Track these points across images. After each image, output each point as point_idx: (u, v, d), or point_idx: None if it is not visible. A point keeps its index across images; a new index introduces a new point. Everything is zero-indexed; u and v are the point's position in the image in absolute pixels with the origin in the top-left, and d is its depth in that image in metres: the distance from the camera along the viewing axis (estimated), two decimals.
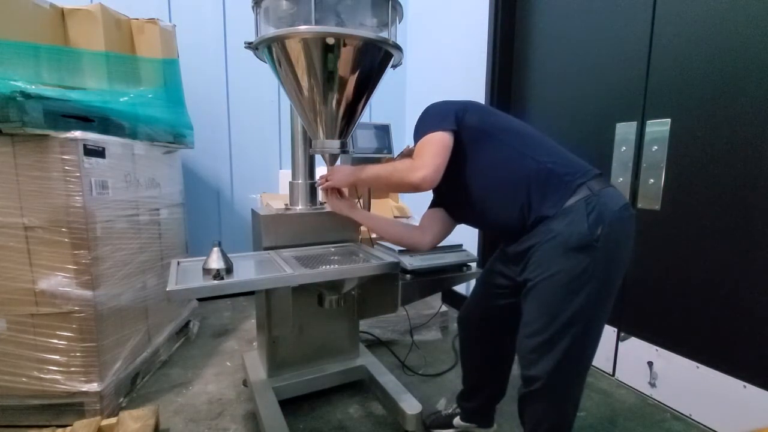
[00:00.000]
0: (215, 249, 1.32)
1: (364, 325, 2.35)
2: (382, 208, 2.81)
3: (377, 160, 1.92)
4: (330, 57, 1.32)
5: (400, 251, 1.70)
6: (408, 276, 1.61)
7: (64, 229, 1.54)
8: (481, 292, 1.48)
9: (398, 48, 1.40)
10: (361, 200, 1.84)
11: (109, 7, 1.96)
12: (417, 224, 1.52)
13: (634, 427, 1.72)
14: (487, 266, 1.47)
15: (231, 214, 3.30)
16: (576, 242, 1.07)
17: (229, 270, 1.30)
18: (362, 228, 1.85)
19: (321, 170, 1.78)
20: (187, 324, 2.52)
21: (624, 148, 1.99)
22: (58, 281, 1.56)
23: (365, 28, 1.50)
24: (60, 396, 1.61)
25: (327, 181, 1.55)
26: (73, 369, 1.61)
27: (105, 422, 1.50)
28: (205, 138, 3.00)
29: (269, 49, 1.39)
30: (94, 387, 1.62)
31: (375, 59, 1.40)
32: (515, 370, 1.33)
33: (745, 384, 1.58)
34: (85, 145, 1.56)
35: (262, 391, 1.66)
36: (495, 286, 1.39)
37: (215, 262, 1.29)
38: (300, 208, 1.74)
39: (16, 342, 1.57)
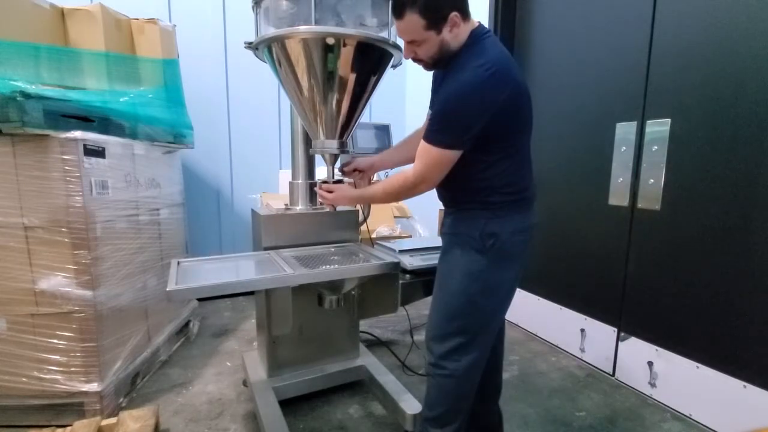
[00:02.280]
0: None
1: (364, 325, 2.35)
2: (382, 207, 2.81)
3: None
4: (330, 57, 1.33)
5: (400, 251, 1.70)
6: (408, 276, 1.61)
7: (64, 229, 1.54)
8: None
9: (398, 48, 1.40)
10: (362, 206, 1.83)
11: (109, 7, 1.96)
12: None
13: (634, 427, 1.72)
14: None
15: (231, 214, 3.30)
16: None
17: None
18: (362, 228, 1.86)
19: (321, 170, 1.78)
20: (187, 324, 2.52)
21: (624, 148, 1.99)
22: (58, 281, 1.56)
23: (365, 28, 1.51)
24: (60, 396, 1.61)
25: (329, 192, 1.50)
26: (73, 369, 1.61)
27: (105, 422, 1.50)
28: (205, 138, 3.00)
29: (269, 49, 1.39)
30: (94, 387, 1.62)
31: (375, 59, 1.40)
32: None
33: (745, 384, 1.58)
34: (85, 145, 1.56)
35: (262, 391, 1.66)
36: None
37: None
38: (300, 208, 1.74)
39: (16, 342, 1.57)
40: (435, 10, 1.09)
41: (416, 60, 1.22)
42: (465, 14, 1.15)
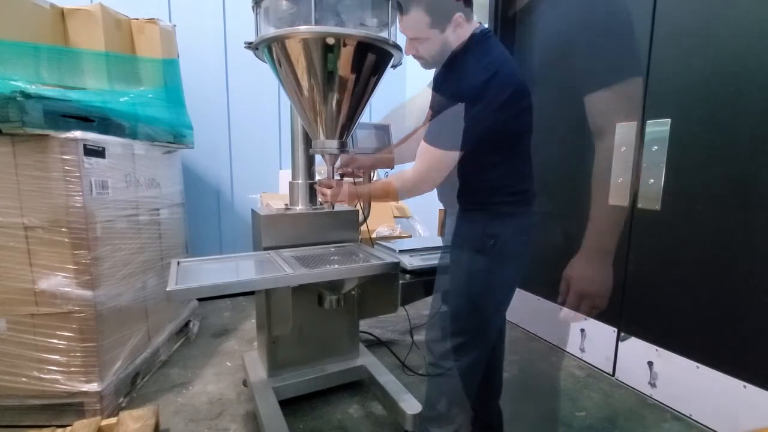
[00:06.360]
0: None
1: (364, 325, 2.35)
2: (382, 207, 2.81)
3: None
4: (330, 57, 1.32)
5: (400, 251, 1.70)
6: (408, 276, 1.61)
7: (64, 229, 1.54)
8: None
9: (398, 48, 1.40)
10: (361, 203, 1.83)
11: (109, 7, 1.96)
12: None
13: (634, 427, 1.72)
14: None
15: (231, 214, 3.30)
16: None
17: None
18: (362, 228, 1.86)
19: (320, 169, 1.78)
20: (187, 324, 2.52)
21: (624, 148, 1.98)
22: (58, 281, 1.56)
23: (365, 28, 1.50)
24: (60, 396, 1.61)
25: (328, 188, 1.49)
26: (73, 369, 1.61)
27: (105, 422, 1.50)
28: (205, 138, 3.00)
29: (269, 49, 1.39)
30: (94, 387, 1.62)
31: (375, 59, 1.40)
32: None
33: (745, 384, 1.58)
34: (85, 145, 1.56)
35: (262, 391, 1.66)
36: None
37: None
38: (300, 208, 1.74)
39: (16, 342, 1.57)
40: (441, 9, 1.09)
41: (416, 57, 1.22)
42: (469, 16, 1.15)
